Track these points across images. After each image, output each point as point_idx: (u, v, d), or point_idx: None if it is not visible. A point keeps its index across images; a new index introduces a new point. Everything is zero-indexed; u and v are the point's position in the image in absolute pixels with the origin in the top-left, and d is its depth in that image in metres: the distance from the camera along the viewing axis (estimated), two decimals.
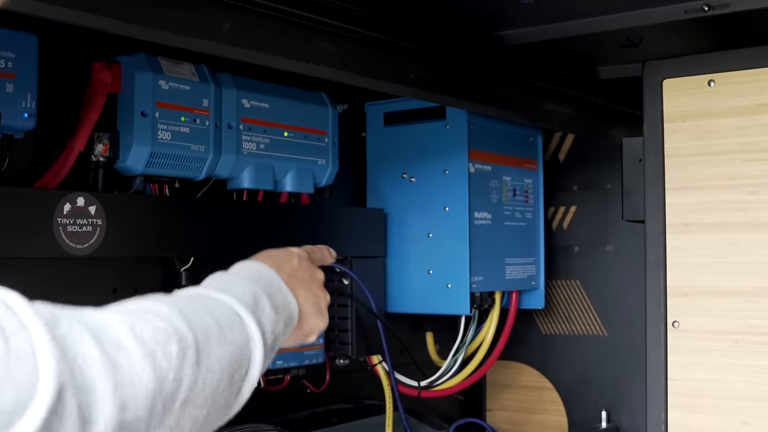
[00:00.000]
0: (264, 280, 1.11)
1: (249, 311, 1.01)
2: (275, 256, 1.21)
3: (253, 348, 0.99)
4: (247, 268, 1.14)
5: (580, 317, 2.47)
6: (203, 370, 0.88)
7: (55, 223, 1.51)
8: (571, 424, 2.46)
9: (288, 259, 1.21)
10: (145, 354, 0.81)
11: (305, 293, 1.19)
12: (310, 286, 1.21)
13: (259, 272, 1.13)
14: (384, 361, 2.07)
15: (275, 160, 1.86)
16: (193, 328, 0.89)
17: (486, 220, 2.13)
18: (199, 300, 0.98)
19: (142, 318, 0.85)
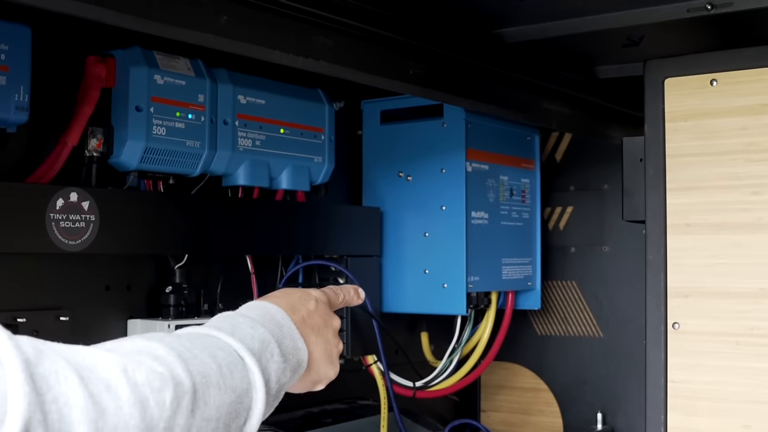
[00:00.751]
0: (274, 323, 1.06)
1: (254, 357, 0.97)
2: (291, 296, 1.16)
3: (255, 396, 0.95)
4: (259, 308, 1.09)
5: (576, 318, 2.45)
6: (198, 419, 0.85)
7: (48, 218, 1.48)
8: (567, 425, 2.45)
9: (304, 301, 1.16)
10: (136, 400, 0.78)
11: (317, 340, 1.13)
12: (324, 332, 1.15)
13: (271, 315, 1.08)
14: (379, 361, 2.05)
15: (271, 157, 1.84)
16: (191, 373, 0.85)
17: (483, 219, 2.11)
18: (201, 341, 0.94)
19: (137, 360, 0.82)
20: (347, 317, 1.99)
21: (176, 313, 1.72)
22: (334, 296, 1.26)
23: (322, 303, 1.18)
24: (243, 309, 1.09)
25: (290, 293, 1.17)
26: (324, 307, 1.18)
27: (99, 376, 0.76)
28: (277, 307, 1.10)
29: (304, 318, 1.12)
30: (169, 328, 1.66)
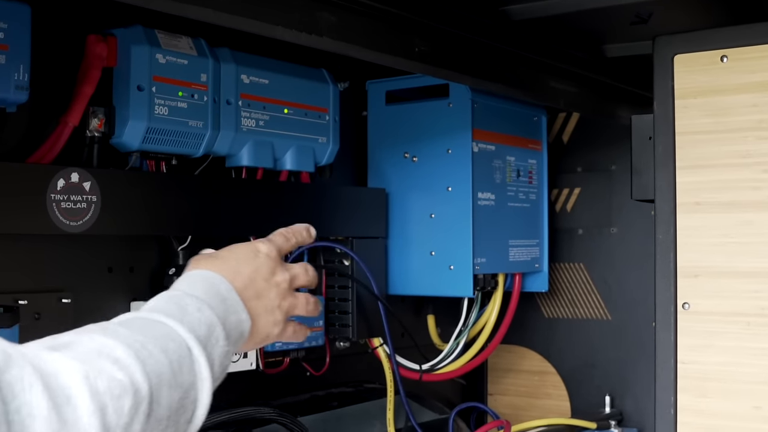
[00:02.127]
0: (219, 298, 1.06)
1: (201, 346, 0.96)
2: (235, 256, 1.15)
3: (201, 389, 0.94)
4: (203, 281, 1.07)
5: (584, 301, 2.43)
6: (152, 421, 0.84)
7: (49, 199, 1.47)
8: (574, 409, 2.43)
9: (249, 260, 1.15)
10: (96, 409, 0.77)
11: (258, 304, 1.12)
12: (267, 292, 1.14)
13: (216, 288, 1.07)
14: (385, 344, 2.03)
15: (275, 138, 1.82)
16: (148, 375, 0.85)
17: (489, 200, 2.09)
18: (153, 331, 0.92)
19: (98, 366, 0.81)
20: (353, 299, 1.98)
21: None
22: (284, 243, 1.23)
23: (269, 258, 1.16)
24: (187, 282, 1.07)
25: (235, 252, 1.16)
26: (270, 262, 1.16)
27: (61, 384, 0.76)
28: (220, 278, 1.08)
29: (248, 282, 1.11)
30: None
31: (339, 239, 2.00)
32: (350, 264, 1.99)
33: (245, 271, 1.12)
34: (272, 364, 1.87)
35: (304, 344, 1.91)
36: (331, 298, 2.01)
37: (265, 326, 1.14)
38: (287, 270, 1.19)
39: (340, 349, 2.03)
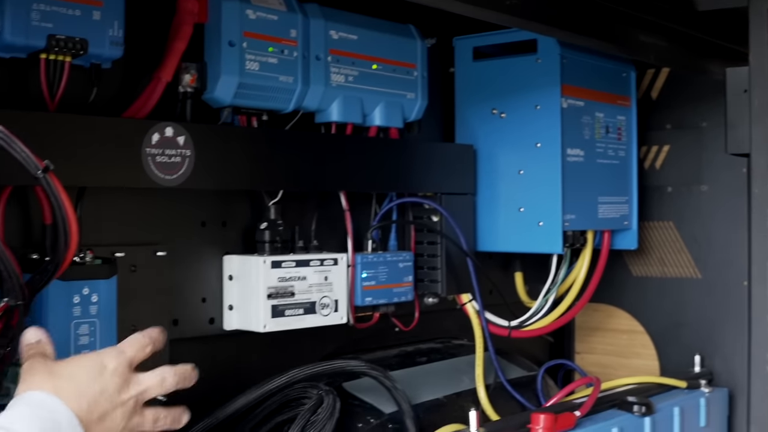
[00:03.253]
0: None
1: None
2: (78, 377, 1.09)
3: None
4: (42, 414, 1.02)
5: (673, 259, 2.40)
6: None
7: (144, 153, 1.49)
8: (663, 368, 2.41)
9: (93, 379, 1.09)
10: None
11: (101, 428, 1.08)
12: (112, 413, 1.09)
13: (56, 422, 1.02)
14: (474, 300, 2.03)
15: (364, 93, 1.82)
16: None
17: (578, 157, 2.07)
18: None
19: None
20: (441, 255, 1.98)
21: (271, 249, 1.71)
22: (138, 352, 1.17)
23: (115, 374, 1.11)
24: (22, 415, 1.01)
25: (80, 369, 1.10)
26: (116, 379, 1.11)
27: None
28: (62, 407, 1.03)
29: (92, 404, 1.06)
30: (265, 264, 1.67)
31: (427, 195, 2.00)
32: (439, 220, 1.99)
33: (89, 392, 1.07)
34: (362, 319, 1.89)
35: (394, 299, 1.92)
36: (420, 254, 2.01)
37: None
38: (138, 384, 1.14)
39: (428, 305, 2.03)
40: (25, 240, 1.49)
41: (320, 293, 1.76)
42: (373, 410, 1.75)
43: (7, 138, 1.13)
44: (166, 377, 1.18)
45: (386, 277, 1.89)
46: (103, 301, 1.43)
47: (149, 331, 1.20)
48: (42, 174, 1.14)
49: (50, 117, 1.43)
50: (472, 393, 1.96)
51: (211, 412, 1.58)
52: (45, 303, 1.39)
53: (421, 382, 1.92)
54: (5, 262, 1.14)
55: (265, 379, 1.64)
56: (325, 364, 1.70)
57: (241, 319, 1.70)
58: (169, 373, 1.18)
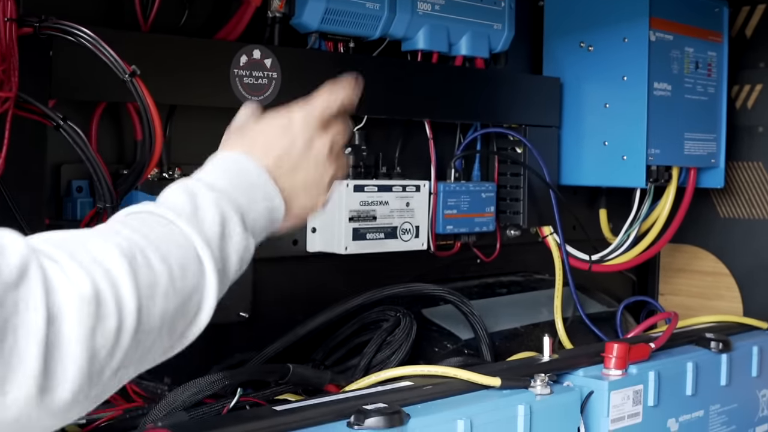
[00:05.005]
0: (246, 185, 0.99)
1: (210, 248, 0.90)
2: (265, 134, 1.06)
3: (206, 292, 0.90)
4: (230, 167, 1.01)
5: (762, 201, 2.38)
6: (141, 334, 0.81)
7: (232, 74, 1.53)
8: (747, 311, 2.39)
9: (281, 134, 1.06)
10: (80, 335, 0.75)
11: (296, 180, 1.05)
12: (305, 167, 1.06)
13: (244, 175, 1.00)
14: (555, 233, 2.04)
15: (450, 22, 1.83)
16: (138, 288, 0.81)
17: (665, 91, 2.06)
18: (159, 234, 0.88)
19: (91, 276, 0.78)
20: (524, 186, 1.99)
21: (355, 173, 1.75)
22: (325, 105, 1.12)
23: (304, 127, 1.08)
24: (212, 169, 1.01)
25: (267, 126, 1.07)
26: (305, 132, 1.07)
27: (58, 303, 0.74)
28: (249, 161, 1.02)
29: (282, 158, 1.04)
30: (348, 187, 1.70)
31: (512, 127, 2.01)
32: (523, 152, 2.01)
33: (278, 146, 1.05)
34: (443, 247, 1.91)
35: (475, 229, 1.94)
36: (503, 186, 2.03)
37: (305, 203, 1.07)
38: (327, 134, 1.10)
39: (510, 237, 2.05)
40: (119, 157, 1.54)
41: (401, 219, 1.79)
42: (450, 336, 1.79)
43: (96, 42, 1.17)
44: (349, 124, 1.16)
45: (468, 207, 1.92)
46: None
47: (339, 84, 1.15)
48: (129, 78, 1.18)
49: (143, 37, 1.47)
50: (550, 325, 1.98)
51: (289, 331, 1.62)
52: None
53: (500, 312, 1.95)
54: (96, 167, 1.20)
55: (345, 299, 1.68)
56: (402, 287, 1.73)
57: (323, 241, 1.73)
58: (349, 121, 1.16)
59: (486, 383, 1.44)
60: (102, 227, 0.87)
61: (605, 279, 2.35)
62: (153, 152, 1.21)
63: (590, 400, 1.56)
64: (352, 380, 1.52)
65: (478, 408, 1.38)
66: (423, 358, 1.73)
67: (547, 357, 1.61)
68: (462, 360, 1.69)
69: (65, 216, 1.45)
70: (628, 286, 2.54)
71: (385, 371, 1.49)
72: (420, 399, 1.37)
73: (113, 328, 0.78)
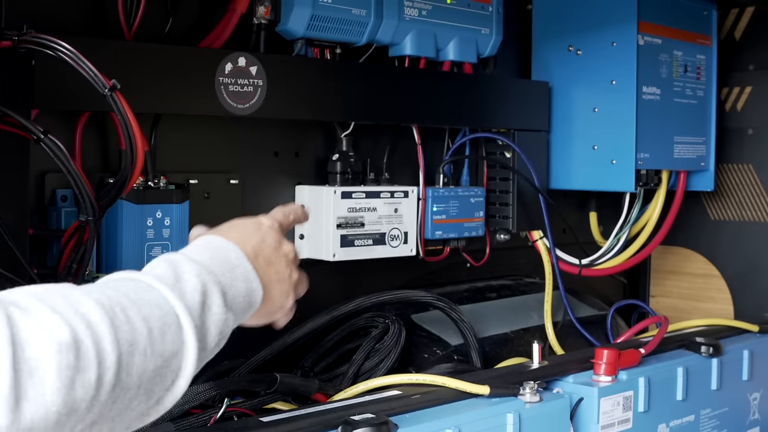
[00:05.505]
0: (227, 265, 1.00)
1: (191, 316, 0.90)
2: (239, 228, 1.08)
3: (185, 358, 0.89)
4: (212, 248, 1.01)
5: (752, 203, 2.37)
6: (118, 390, 0.80)
7: (217, 82, 1.52)
8: (738, 313, 2.39)
9: (254, 231, 1.08)
10: (62, 386, 0.74)
11: (269, 272, 1.06)
12: (276, 262, 1.08)
13: (225, 255, 1.01)
14: (545, 237, 2.04)
15: (437, 27, 1.83)
16: (119, 343, 0.80)
17: (654, 95, 2.06)
18: (140, 297, 0.87)
19: (71, 328, 0.77)
20: (513, 191, 1.99)
21: (342, 180, 1.74)
22: (283, 218, 1.16)
23: (272, 229, 1.10)
24: (195, 249, 1.01)
25: (241, 224, 1.09)
26: (274, 233, 1.10)
27: (29, 356, 0.73)
28: (232, 245, 1.02)
29: (257, 251, 1.05)
30: (335, 194, 1.69)
31: (501, 131, 2.00)
32: (512, 156, 2.00)
33: (253, 239, 1.06)
34: (432, 252, 1.91)
35: (464, 234, 1.93)
36: (492, 190, 2.02)
37: (278, 295, 1.08)
38: (289, 244, 1.12)
39: (500, 241, 2.04)
40: (104, 165, 1.54)
41: (390, 225, 1.78)
42: (440, 342, 1.78)
43: (75, 56, 1.16)
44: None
45: (457, 212, 1.91)
46: (176, 225, 1.48)
47: (289, 205, 1.20)
48: (109, 92, 1.17)
49: (127, 45, 1.46)
50: (540, 329, 1.98)
51: (278, 337, 1.62)
52: (120, 224, 1.44)
53: (490, 316, 1.95)
54: (77, 180, 1.19)
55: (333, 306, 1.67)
56: (391, 293, 1.72)
57: (311, 248, 1.73)
58: None
59: (475, 391, 1.43)
60: (84, 286, 0.86)
61: (596, 282, 2.35)
62: (135, 165, 1.20)
63: (580, 407, 1.55)
64: (340, 388, 1.51)
65: (466, 417, 1.37)
66: (412, 365, 1.73)
67: (536, 363, 1.60)
68: (451, 366, 1.69)
69: (49, 225, 1.44)
70: (619, 289, 2.53)
71: (373, 380, 1.48)
72: (408, 408, 1.36)
73: (92, 381, 0.77)
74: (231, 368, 1.58)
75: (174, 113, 1.54)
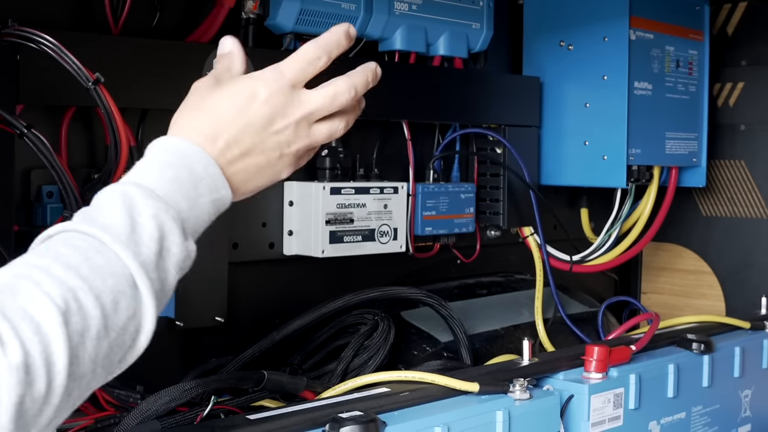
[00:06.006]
0: (189, 183, 0.91)
1: (147, 273, 0.84)
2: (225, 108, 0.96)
3: (143, 319, 0.84)
4: (173, 162, 0.91)
5: (744, 199, 2.37)
6: (72, 383, 0.76)
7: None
8: (729, 310, 2.39)
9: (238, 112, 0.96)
10: (10, 405, 0.71)
11: (246, 165, 0.96)
12: (260, 146, 0.96)
13: (188, 169, 0.91)
14: (536, 234, 2.03)
15: (428, 22, 1.81)
16: (70, 336, 0.76)
17: (646, 90, 2.05)
18: (92, 264, 0.81)
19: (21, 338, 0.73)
20: (504, 187, 1.98)
21: (331, 176, 1.73)
22: (306, 67, 1.00)
23: (266, 104, 0.96)
24: (155, 168, 0.91)
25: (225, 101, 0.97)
26: (266, 109, 0.96)
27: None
28: (198, 152, 0.92)
29: (233, 141, 0.94)
30: (324, 190, 1.68)
31: (492, 127, 1.99)
32: (502, 152, 1.99)
33: (229, 128, 0.95)
34: (422, 249, 1.90)
35: (454, 230, 1.92)
36: (483, 186, 2.01)
37: (259, 184, 0.99)
38: (298, 109, 0.98)
39: (491, 238, 2.04)
40: (91, 160, 1.52)
41: (379, 221, 1.77)
42: (430, 339, 1.77)
43: (58, 49, 1.15)
44: (339, 91, 1.00)
45: (447, 208, 1.90)
46: None
47: (324, 39, 1.01)
48: (93, 86, 1.16)
49: (113, 40, 1.45)
50: (530, 326, 1.97)
51: (266, 334, 1.61)
52: None
53: (480, 313, 1.94)
54: (61, 175, 1.18)
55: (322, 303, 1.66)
56: (380, 290, 1.71)
57: (300, 244, 1.72)
58: (342, 86, 1.00)
59: (464, 389, 1.42)
60: (34, 261, 0.80)
61: (587, 278, 2.34)
62: (119, 160, 1.19)
63: (570, 404, 1.54)
64: (328, 386, 1.50)
65: (455, 414, 1.36)
66: (402, 362, 1.72)
67: (526, 360, 1.59)
68: (441, 363, 1.67)
69: (35, 222, 1.42)
70: (611, 285, 2.53)
71: (362, 377, 1.47)
72: (397, 406, 1.35)
73: (42, 391, 0.73)
74: (219, 365, 1.57)
75: (161, 108, 1.52)
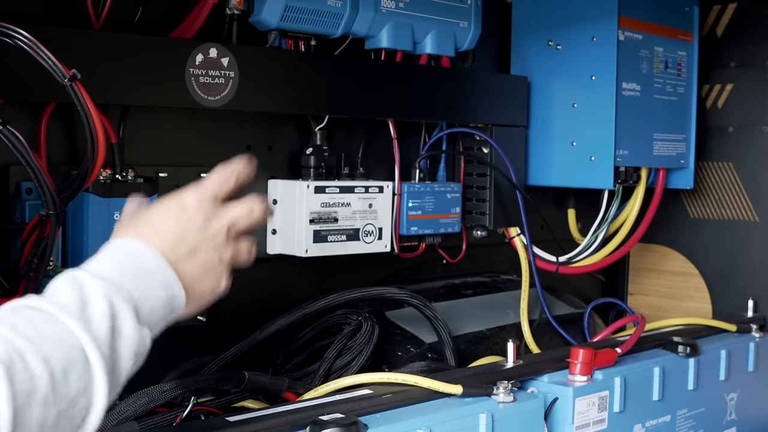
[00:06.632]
0: (142, 275, 0.94)
1: (98, 347, 0.85)
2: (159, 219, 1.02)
3: (95, 394, 0.85)
4: (124, 257, 0.95)
5: (731, 201, 2.36)
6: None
7: (188, 73, 1.49)
8: (716, 312, 2.38)
9: (176, 219, 1.02)
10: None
11: (194, 264, 1.01)
12: (203, 249, 1.02)
13: (139, 265, 0.95)
14: (522, 234, 2.01)
15: (415, 20, 1.80)
16: (15, 395, 0.76)
17: (634, 91, 2.03)
18: (42, 333, 0.82)
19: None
20: (490, 187, 1.96)
21: (316, 174, 1.71)
22: (221, 185, 1.08)
23: (198, 210, 1.04)
24: (105, 260, 0.95)
25: (160, 212, 1.03)
26: (200, 214, 1.04)
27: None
28: (147, 250, 0.97)
29: (177, 242, 1.00)
30: (308, 188, 1.66)
31: (479, 126, 1.98)
32: (489, 152, 1.97)
33: (173, 231, 1.00)
34: (408, 249, 1.88)
35: (440, 230, 1.91)
36: (469, 186, 2.00)
37: (207, 287, 1.03)
38: (225, 216, 1.06)
39: (477, 238, 2.02)
40: (71, 156, 1.50)
41: (364, 220, 1.75)
42: (414, 339, 1.76)
43: (33, 44, 1.13)
44: (254, 207, 1.09)
45: (433, 208, 1.88)
46: None
47: (233, 163, 1.11)
48: (69, 82, 1.14)
49: (94, 35, 1.43)
50: (516, 327, 1.96)
51: (249, 334, 1.59)
52: (86, 218, 1.41)
53: (466, 314, 1.92)
54: (37, 173, 1.16)
55: (305, 303, 1.64)
56: (365, 290, 1.70)
57: (283, 243, 1.70)
58: (256, 204, 1.10)
59: (447, 391, 1.40)
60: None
61: (574, 279, 2.33)
62: (96, 157, 1.17)
63: (555, 407, 1.53)
64: (310, 387, 1.48)
65: (438, 417, 1.34)
66: (386, 362, 1.71)
67: (511, 363, 1.58)
68: (425, 365, 1.66)
69: (14, 219, 1.40)
70: (597, 287, 2.52)
71: (344, 379, 1.45)
72: (379, 408, 1.34)
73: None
74: (201, 365, 1.55)
75: (143, 105, 1.50)
